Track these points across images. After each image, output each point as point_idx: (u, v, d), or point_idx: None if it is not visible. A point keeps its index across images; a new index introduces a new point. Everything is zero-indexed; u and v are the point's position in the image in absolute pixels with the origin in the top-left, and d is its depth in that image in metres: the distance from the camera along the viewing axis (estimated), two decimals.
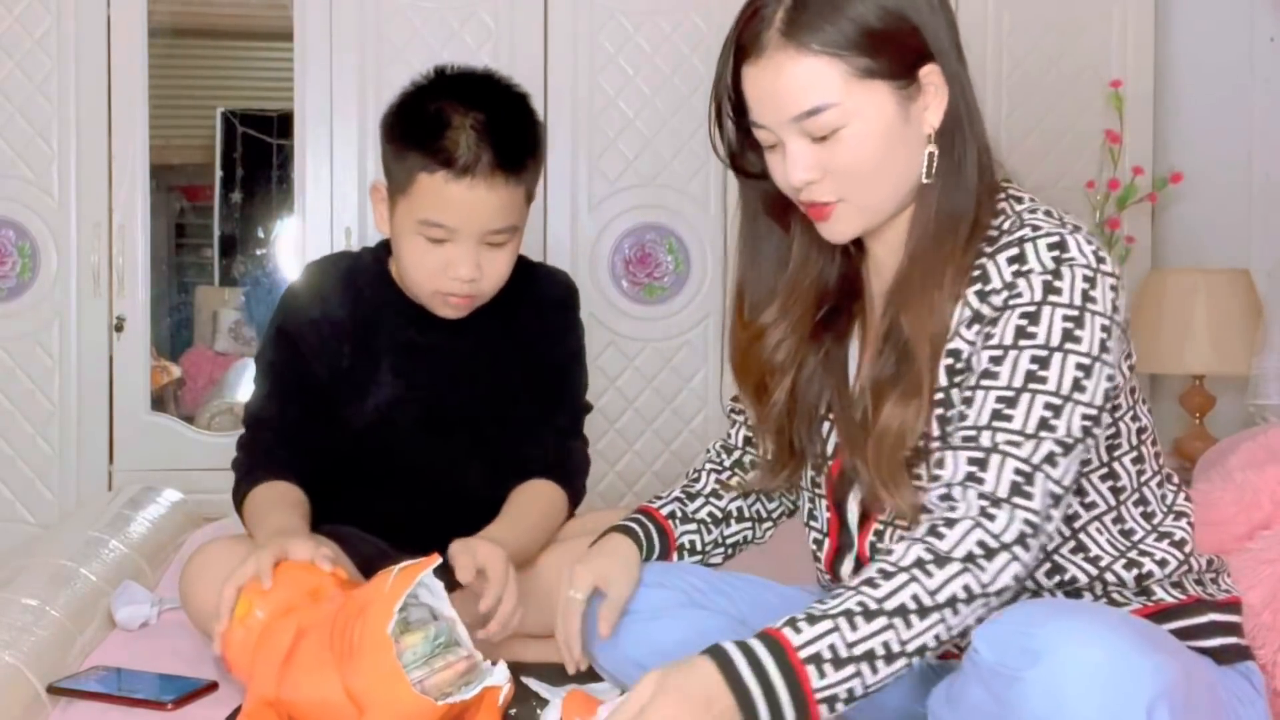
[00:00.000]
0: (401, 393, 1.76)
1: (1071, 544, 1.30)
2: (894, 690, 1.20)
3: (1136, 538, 1.31)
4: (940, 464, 1.23)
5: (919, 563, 1.15)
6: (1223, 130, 3.15)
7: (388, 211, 1.69)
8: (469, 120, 1.61)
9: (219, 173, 3.61)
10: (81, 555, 1.90)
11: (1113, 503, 1.31)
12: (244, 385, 3.45)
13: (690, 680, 1.11)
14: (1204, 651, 1.27)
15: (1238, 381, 2.81)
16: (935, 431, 1.28)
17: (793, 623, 1.13)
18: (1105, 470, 1.30)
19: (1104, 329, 1.21)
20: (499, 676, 1.33)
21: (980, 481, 1.19)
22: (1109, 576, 1.29)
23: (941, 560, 1.15)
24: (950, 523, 1.17)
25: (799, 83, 1.24)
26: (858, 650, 1.12)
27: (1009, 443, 1.19)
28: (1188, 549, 1.33)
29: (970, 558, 1.16)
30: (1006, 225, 1.28)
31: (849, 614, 1.13)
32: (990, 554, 1.16)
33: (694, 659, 1.13)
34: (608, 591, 1.40)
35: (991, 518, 1.17)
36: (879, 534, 1.35)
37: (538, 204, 3.15)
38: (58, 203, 3.08)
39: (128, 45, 3.06)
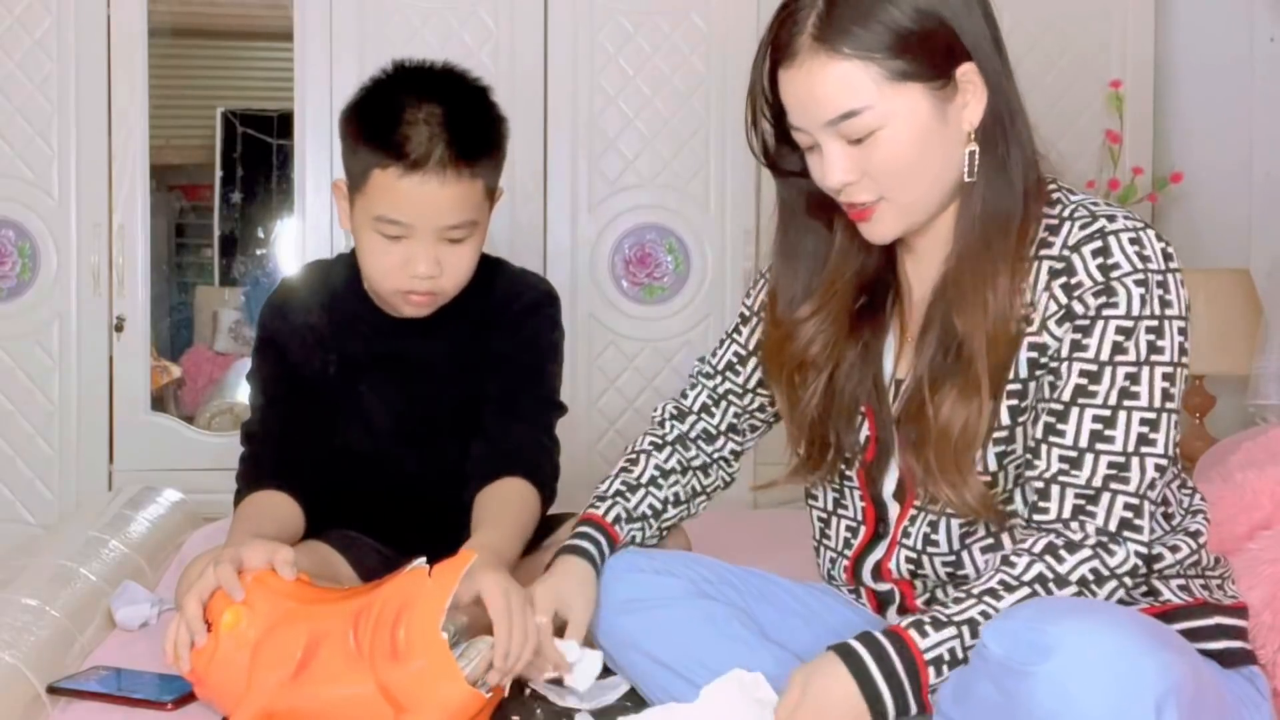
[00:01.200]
0: (379, 404, 1.75)
1: None
2: None
3: (1155, 535, 1.33)
4: (1045, 496, 1.25)
5: (1040, 579, 1.21)
6: (1223, 130, 3.15)
7: (349, 209, 1.66)
8: (422, 114, 1.58)
9: (219, 173, 3.61)
10: (81, 555, 1.89)
11: None
12: (244, 385, 3.45)
13: (827, 686, 1.20)
14: (1208, 654, 1.27)
15: (1238, 381, 2.81)
16: (1005, 421, 1.29)
17: (919, 626, 1.20)
18: None
19: (1181, 330, 1.25)
20: None
21: (1092, 516, 1.23)
22: None
23: (1060, 581, 1.22)
24: (1071, 546, 1.23)
25: (832, 87, 1.25)
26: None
27: (1112, 466, 1.22)
28: (1201, 540, 1.35)
29: (1084, 582, 1.22)
30: (1068, 213, 1.29)
31: (973, 623, 1.20)
32: (1101, 581, 1.22)
33: (830, 661, 1.21)
34: (567, 616, 1.40)
35: (1111, 552, 1.22)
36: (913, 519, 1.37)
37: (538, 204, 3.17)
38: (58, 203, 3.07)
39: (128, 45, 3.06)
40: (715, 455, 1.57)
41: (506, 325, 1.74)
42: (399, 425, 1.75)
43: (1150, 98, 3.26)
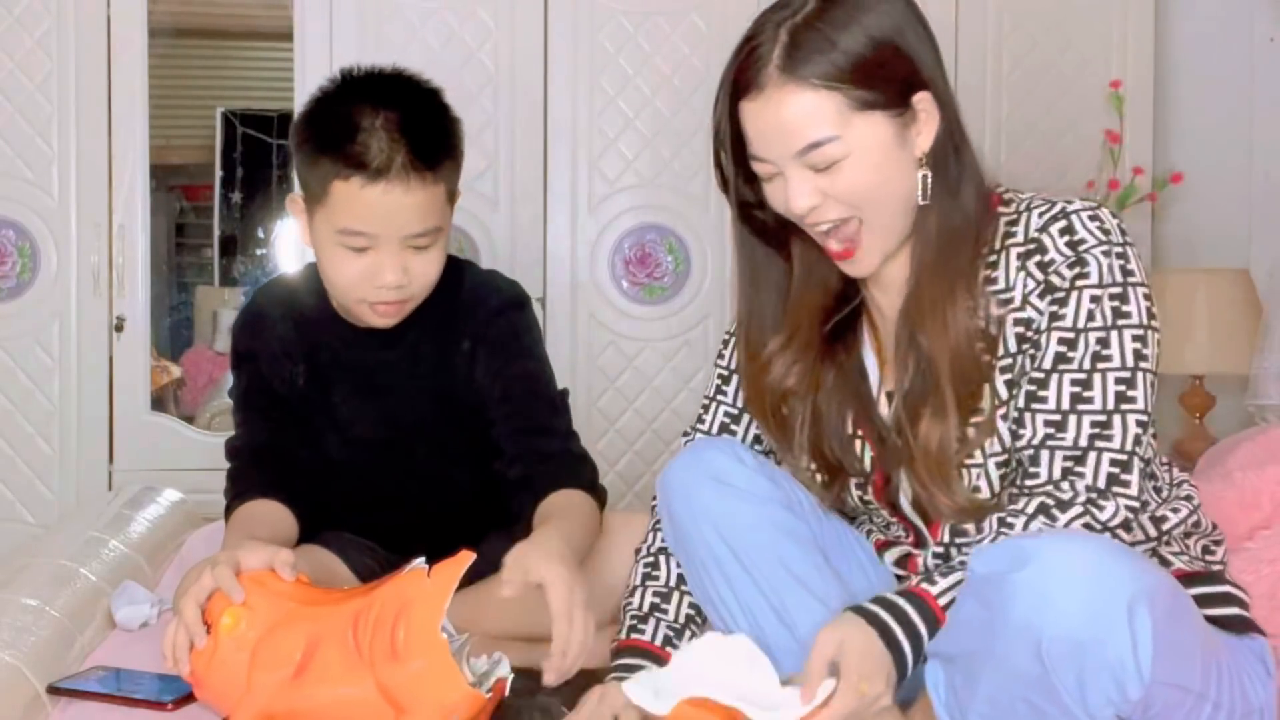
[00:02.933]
0: (352, 414, 1.74)
1: None
2: None
3: (1151, 508, 1.38)
4: (1035, 461, 1.28)
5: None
6: (1223, 130, 3.15)
7: (307, 223, 1.63)
8: (379, 120, 1.55)
9: (219, 173, 3.62)
10: (81, 555, 1.90)
11: None
12: None
13: (865, 642, 1.20)
14: (1215, 621, 1.30)
15: (1238, 381, 2.81)
16: (1003, 395, 1.32)
17: (930, 578, 1.24)
18: None
19: (1146, 296, 1.29)
20: (505, 668, 1.36)
21: (1081, 476, 1.26)
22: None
23: None
24: (1063, 505, 1.25)
25: (800, 117, 1.28)
26: None
27: (1095, 425, 1.26)
28: (1195, 502, 1.40)
29: None
30: (1024, 205, 1.34)
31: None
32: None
33: (854, 623, 1.21)
34: None
35: (1100, 508, 1.25)
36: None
37: (538, 204, 3.17)
38: (58, 203, 3.07)
39: (128, 45, 3.06)
40: None
41: (477, 333, 1.71)
42: (375, 434, 1.74)
43: (1150, 98, 3.25)
